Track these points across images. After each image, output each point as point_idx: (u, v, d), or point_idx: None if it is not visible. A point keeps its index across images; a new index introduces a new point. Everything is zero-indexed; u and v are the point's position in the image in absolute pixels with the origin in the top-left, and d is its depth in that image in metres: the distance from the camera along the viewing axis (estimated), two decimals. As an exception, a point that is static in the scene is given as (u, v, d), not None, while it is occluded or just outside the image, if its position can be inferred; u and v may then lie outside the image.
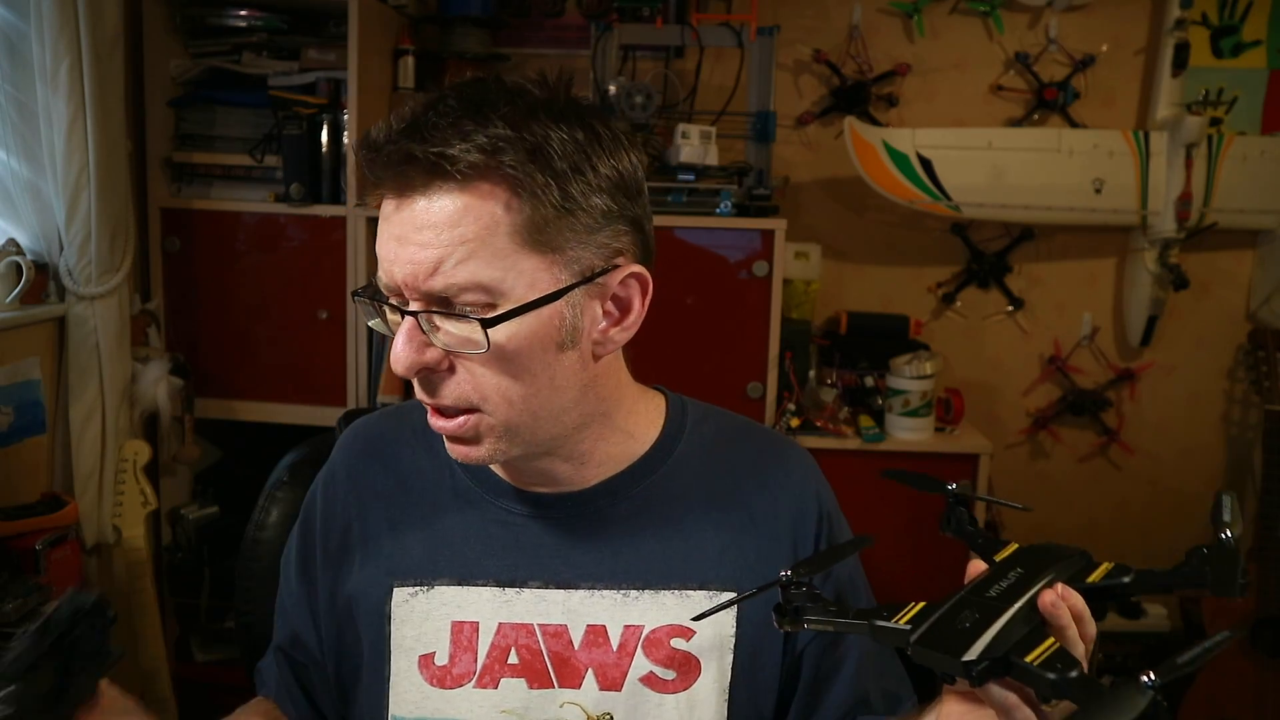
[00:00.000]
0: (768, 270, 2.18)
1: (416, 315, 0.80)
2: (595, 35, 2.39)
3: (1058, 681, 0.60)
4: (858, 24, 2.60)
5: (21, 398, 1.89)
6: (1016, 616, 0.65)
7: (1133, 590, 0.72)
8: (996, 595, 0.68)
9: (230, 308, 2.29)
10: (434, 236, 0.78)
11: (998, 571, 0.71)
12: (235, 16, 2.21)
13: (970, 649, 0.63)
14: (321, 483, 1.02)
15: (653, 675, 0.91)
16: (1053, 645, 0.63)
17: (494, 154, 0.77)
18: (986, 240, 2.71)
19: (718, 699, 0.92)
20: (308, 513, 1.02)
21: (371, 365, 2.27)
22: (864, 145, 2.45)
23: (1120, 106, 2.65)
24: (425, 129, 0.77)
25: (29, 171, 1.89)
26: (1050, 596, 0.66)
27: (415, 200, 0.78)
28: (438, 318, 0.80)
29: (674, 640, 0.91)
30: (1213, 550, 0.70)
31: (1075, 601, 0.67)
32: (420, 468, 0.98)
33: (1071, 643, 0.66)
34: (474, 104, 0.78)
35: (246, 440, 2.38)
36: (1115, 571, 0.72)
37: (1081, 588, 0.70)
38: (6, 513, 1.76)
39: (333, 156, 2.24)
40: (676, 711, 0.90)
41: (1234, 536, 0.70)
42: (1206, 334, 2.74)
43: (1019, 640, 0.64)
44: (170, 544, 2.35)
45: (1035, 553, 0.74)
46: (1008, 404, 2.78)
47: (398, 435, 1.01)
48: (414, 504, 0.96)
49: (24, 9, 1.80)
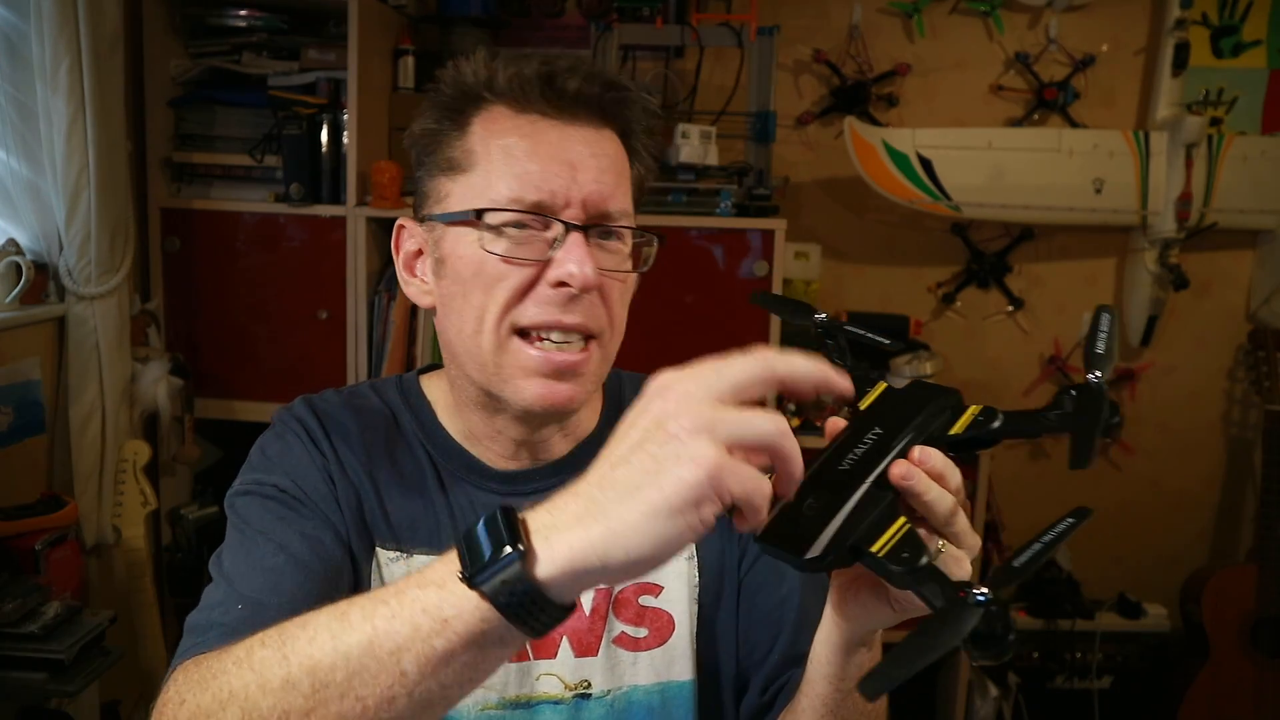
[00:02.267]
0: (768, 270, 2.18)
1: (588, 230, 0.84)
2: (595, 35, 2.39)
3: (904, 574, 0.56)
4: (858, 24, 2.60)
5: (21, 398, 1.89)
6: (868, 493, 0.60)
7: (999, 435, 0.65)
8: (849, 468, 0.61)
9: (230, 308, 2.29)
10: (609, 164, 0.87)
11: (855, 433, 0.64)
12: (235, 16, 2.21)
13: (815, 543, 0.57)
14: (303, 433, 0.93)
15: (625, 635, 0.91)
16: (902, 527, 0.58)
17: (634, 113, 0.90)
18: (986, 240, 2.71)
19: (690, 651, 0.93)
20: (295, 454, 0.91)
21: (371, 365, 2.27)
22: (864, 145, 2.45)
23: (1120, 106, 2.65)
24: (594, 70, 0.87)
25: (29, 171, 1.88)
26: (900, 468, 0.60)
27: (580, 129, 0.87)
28: (597, 234, 0.86)
29: (642, 598, 0.92)
30: (1080, 392, 0.63)
31: (934, 462, 0.61)
32: (390, 443, 0.94)
33: (932, 506, 0.61)
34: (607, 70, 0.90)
35: (246, 440, 2.36)
36: (981, 417, 0.65)
37: (943, 441, 0.64)
38: (6, 513, 1.76)
39: (333, 156, 2.24)
40: (652, 668, 0.91)
41: (1104, 375, 0.63)
42: (1206, 334, 2.74)
43: (868, 524, 0.58)
44: (170, 544, 2.35)
45: (900, 400, 0.67)
46: (1008, 404, 2.73)
47: (360, 407, 0.96)
48: (390, 475, 0.92)
49: (24, 9, 1.79)
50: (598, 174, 0.85)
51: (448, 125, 0.89)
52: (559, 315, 0.84)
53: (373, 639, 0.57)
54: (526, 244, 0.84)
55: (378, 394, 0.98)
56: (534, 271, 0.84)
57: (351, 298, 2.24)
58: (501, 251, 0.84)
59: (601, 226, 0.86)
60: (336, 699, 0.57)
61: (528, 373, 0.85)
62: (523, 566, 0.54)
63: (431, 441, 0.95)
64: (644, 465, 0.54)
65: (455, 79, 0.89)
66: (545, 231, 0.84)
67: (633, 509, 0.53)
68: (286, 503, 0.87)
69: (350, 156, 2.21)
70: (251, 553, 0.84)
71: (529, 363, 0.85)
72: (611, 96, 0.87)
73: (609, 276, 0.87)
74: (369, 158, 2.23)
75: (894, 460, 0.61)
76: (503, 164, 0.85)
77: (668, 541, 0.53)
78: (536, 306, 0.84)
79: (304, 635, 0.59)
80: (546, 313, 0.84)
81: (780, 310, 0.83)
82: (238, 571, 0.82)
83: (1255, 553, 2.51)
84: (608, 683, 0.91)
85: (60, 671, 1.56)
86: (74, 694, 1.60)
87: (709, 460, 0.52)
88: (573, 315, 0.84)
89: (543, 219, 0.84)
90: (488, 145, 0.86)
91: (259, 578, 0.81)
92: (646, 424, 0.55)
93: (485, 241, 0.84)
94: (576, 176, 0.84)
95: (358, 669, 0.56)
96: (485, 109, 0.87)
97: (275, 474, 0.89)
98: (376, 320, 2.25)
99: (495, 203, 0.84)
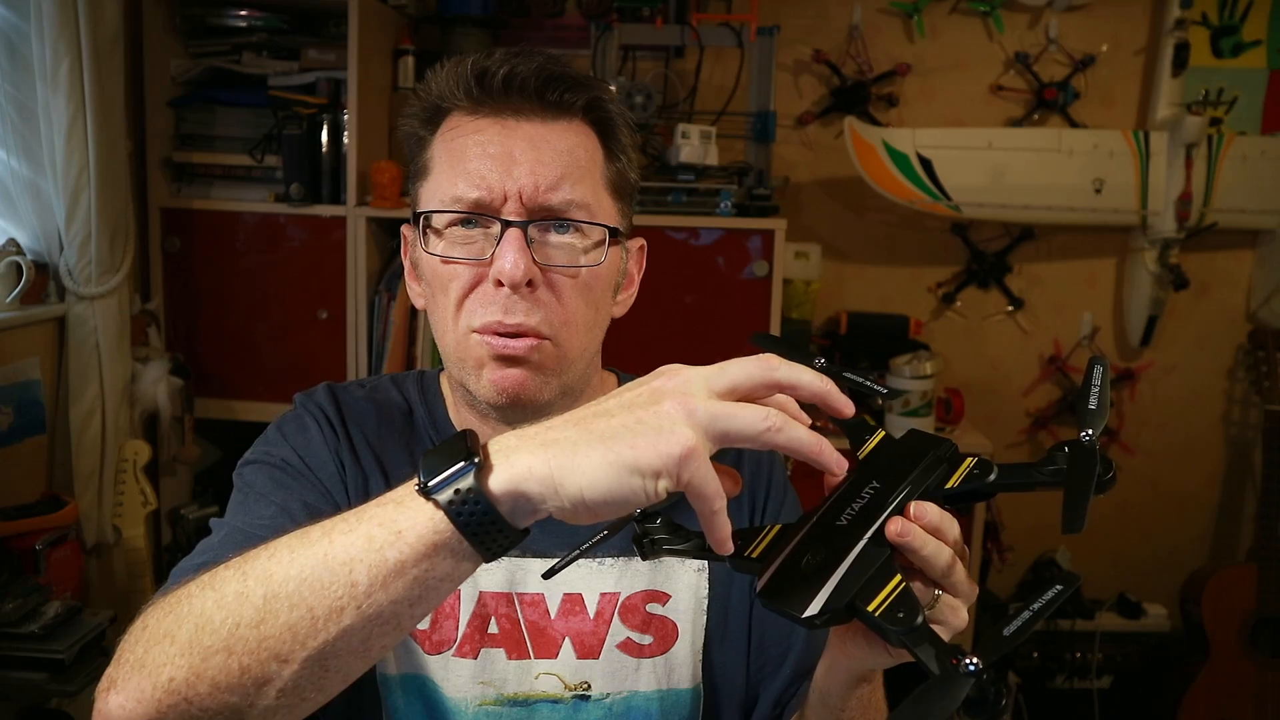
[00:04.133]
0: (768, 270, 2.18)
1: (526, 225, 0.83)
2: (595, 35, 2.39)
3: (899, 634, 0.57)
4: (858, 24, 2.60)
5: (21, 398, 1.89)
6: (865, 550, 0.61)
7: (994, 489, 0.66)
8: (847, 523, 0.63)
9: (230, 308, 2.29)
10: (554, 156, 0.85)
11: (853, 486, 0.65)
12: (235, 16, 2.21)
13: (813, 601, 0.59)
14: (320, 416, 0.94)
15: (629, 641, 0.92)
16: (897, 586, 0.59)
17: (601, 105, 0.88)
18: (986, 240, 2.71)
19: (693, 661, 0.93)
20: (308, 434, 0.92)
21: (371, 365, 2.27)
22: (864, 145, 2.45)
23: (1120, 106, 2.65)
24: (542, 63, 0.85)
25: (29, 171, 1.89)
26: (896, 525, 0.61)
27: (530, 122, 0.85)
28: (539, 230, 0.84)
29: (649, 605, 0.92)
30: (1072, 448, 0.63)
31: (930, 517, 0.62)
32: (404, 438, 0.96)
33: (929, 560, 0.62)
34: (562, 63, 0.87)
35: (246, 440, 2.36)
36: (977, 470, 0.66)
37: (939, 494, 0.65)
38: (6, 513, 1.76)
39: (333, 156, 2.24)
40: (654, 676, 0.91)
41: (1095, 435, 0.63)
42: (1206, 334, 2.74)
43: (867, 580, 0.59)
44: (170, 544, 2.35)
45: (897, 451, 0.68)
46: (1008, 404, 2.78)
47: (378, 405, 0.97)
48: (400, 468, 0.93)
49: (24, 8, 1.79)
50: (535, 166, 0.84)
51: (422, 131, 0.90)
52: (499, 316, 0.84)
53: (327, 551, 0.58)
54: (471, 243, 0.85)
55: (398, 388, 1.00)
56: (479, 270, 0.85)
57: (351, 298, 2.24)
58: (440, 253, 0.86)
59: (546, 221, 0.85)
60: (286, 609, 0.57)
61: (481, 363, 0.86)
62: (476, 478, 0.55)
63: (440, 438, 0.96)
64: (624, 422, 0.56)
65: (425, 87, 0.89)
66: (489, 229, 0.85)
67: (598, 453, 0.55)
68: (292, 474, 0.89)
69: (350, 156, 2.21)
70: (251, 510, 0.85)
71: (481, 352, 0.86)
72: (555, 85, 0.85)
73: (556, 272, 0.85)
74: (369, 158, 2.23)
75: (890, 517, 0.62)
76: (449, 166, 0.86)
77: (619, 495, 0.55)
78: (480, 306, 0.85)
79: (265, 553, 0.61)
80: (488, 313, 0.84)
81: (779, 351, 0.83)
82: (236, 525, 0.84)
83: (1255, 553, 2.51)
84: (608, 686, 0.91)
85: (60, 671, 1.56)
86: (74, 694, 1.60)
87: (685, 440, 0.54)
88: (513, 316, 0.84)
89: (479, 217, 0.85)
90: (441, 149, 0.88)
91: (257, 532, 0.82)
92: (641, 391, 0.58)
93: (429, 244, 0.86)
94: (512, 170, 0.83)
95: (309, 578, 0.57)
96: (448, 116, 0.88)
97: (285, 448, 0.91)
98: (376, 320, 2.25)
99: (440, 204, 0.85)
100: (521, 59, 0.85)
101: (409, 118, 0.91)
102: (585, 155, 0.87)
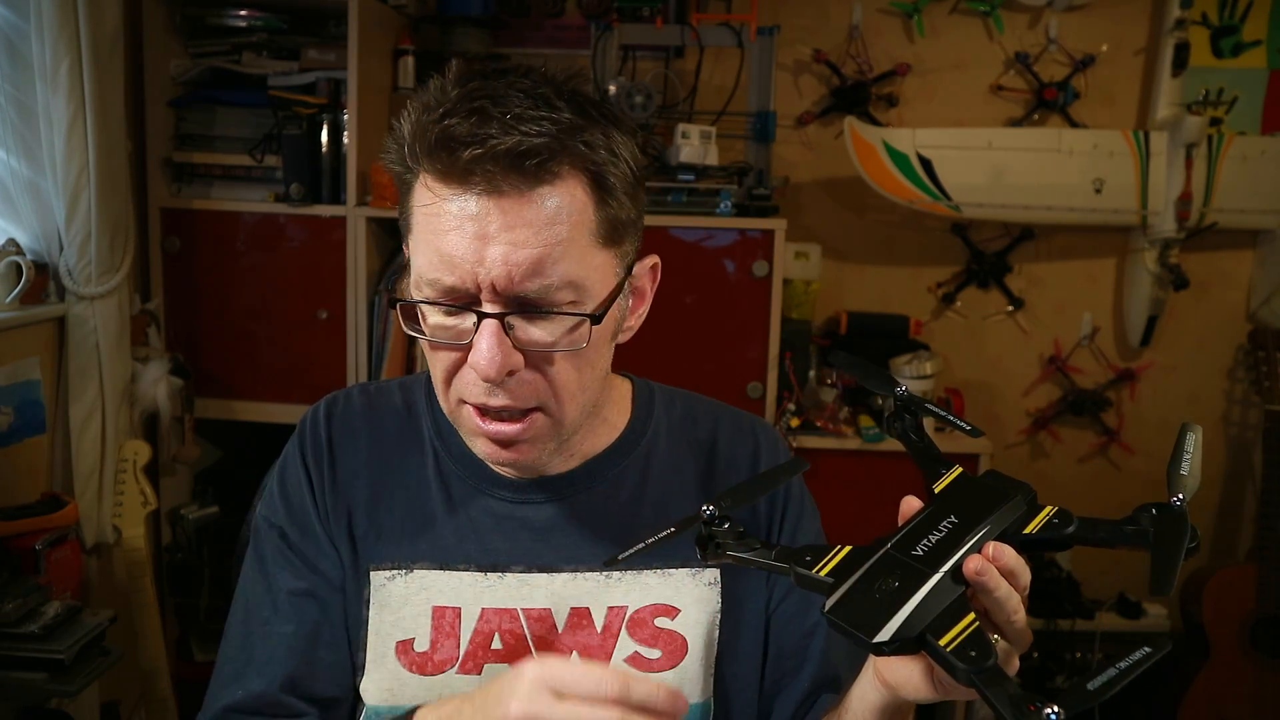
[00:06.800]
0: (768, 270, 2.18)
1: (503, 317, 0.78)
2: (595, 35, 2.39)
3: (970, 673, 0.56)
4: (858, 24, 2.60)
5: (21, 398, 1.89)
6: (939, 584, 0.60)
7: (1072, 541, 0.66)
8: (923, 554, 0.62)
9: (230, 308, 2.29)
10: (532, 235, 0.76)
11: (931, 519, 0.65)
12: (235, 16, 2.21)
13: (884, 628, 0.58)
14: (310, 447, 0.97)
15: (638, 655, 0.91)
16: (971, 624, 0.58)
17: (583, 152, 0.78)
18: (986, 240, 2.71)
19: (704, 676, 0.92)
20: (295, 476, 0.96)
21: (371, 365, 2.27)
22: (864, 145, 2.45)
23: (1120, 106, 2.65)
24: (507, 124, 0.75)
25: (29, 171, 1.88)
26: (975, 564, 0.61)
27: (505, 197, 0.76)
28: (519, 318, 0.79)
29: (658, 619, 0.92)
30: (1161, 513, 0.63)
31: (1007, 560, 0.62)
32: (403, 450, 0.97)
33: (1001, 603, 0.62)
34: (536, 98, 0.77)
35: (246, 440, 2.38)
36: (1056, 520, 0.66)
37: (1017, 539, 0.65)
38: (6, 513, 1.76)
39: (333, 156, 2.24)
40: None
41: (1186, 499, 0.62)
42: (1206, 334, 2.74)
43: (939, 614, 0.59)
44: (170, 544, 2.35)
45: (975, 491, 0.68)
46: (1008, 404, 2.78)
47: (380, 412, 0.99)
48: (395, 485, 0.95)
49: (24, 8, 1.79)
50: (511, 251, 0.76)
51: (407, 175, 0.84)
52: (485, 398, 0.82)
53: None
54: (454, 326, 0.82)
55: (404, 394, 1.00)
56: (461, 353, 0.82)
57: (351, 298, 2.24)
58: (426, 333, 0.83)
59: (521, 311, 0.79)
60: None
61: (475, 432, 0.86)
62: None
63: (446, 449, 0.96)
64: None
65: (396, 135, 0.83)
66: (465, 318, 0.80)
67: None
68: (289, 547, 0.94)
69: (350, 156, 2.21)
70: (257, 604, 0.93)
71: (474, 428, 0.85)
72: (535, 160, 0.75)
73: (547, 351, 0.81)
74: (369, 158, 2.23)
75: (968, 554, 0.62)
76: (424, 239, 0.80)
77: None
78: (466, 385, 0.83)
79: None
80: (474, 394, 0.83)
81: (862, 377, 0.83)
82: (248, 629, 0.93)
83: (1255, 553, 2.51)
84: None
85: (60, 671, 1.56)
86: (74, 694, 1.59)
87: None
88: (498, 398, 0.82)
89: (459, 308, 0.80)
90: (415, 216, 0.82)
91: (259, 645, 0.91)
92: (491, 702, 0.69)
93: (407, 325, 0.84)
94: (485, 258, 0.76)
95: None
96: (420, 171, 0.81)
97: (280, 514, 0.95)
98: (376, 320, 2.25)
99: (420, 280, 0.81)
100: (494, 126, 0.75)
101: (388, 157, 0.85)
102: (570, 218, 0.78)
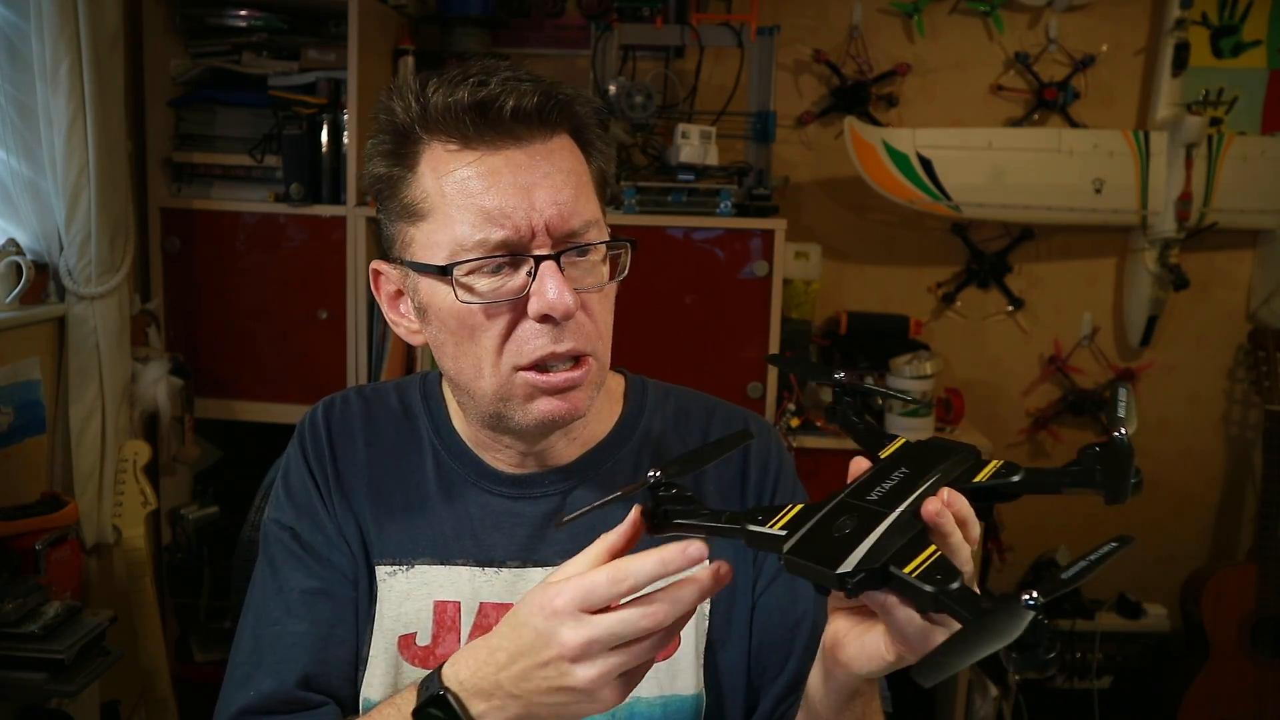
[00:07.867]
0: (768, 270, 2.18)
1: (558, 256, 0.82)
2: (595, 35, 2.39)
3: (937, 594, 0.56)
4: (858, 24, 2.60)
5: (21, 398, 1.89)
6: (897, 523, 0.61)
7: (1021, 489, 0.66)
8: (878, 499, 0.63)
9: (230, 308, 2.29)
10: (562, 179, 0.83)
11: (881, 471, 0.66)
12: (235, 16, 2.21)
13: (845, 560, 0.58)
14: (311, 447, 0.99)
15: None
16: (933, 554, 0.59)
17: (581, 110, 0.86)
18: (986, 240, 2.71)
19: (695, 666, 0.93)
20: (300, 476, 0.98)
21: (371, 365, 2.27)
22: (864, 145, 2.45)
23: (1120, 106, 2.65)
24: (509, 85, 0.81)
25: (29, 171, 1.88)
26: (934, 505, 0.62)
27: (533, 146, 0.83)
28: (573, 254, 0.84)
29: None
30: (1105, 449, 0.64)
31: (960, 507, 0.63)
32: (401, 449, 0.98)
33: (955, 549, 0.62)
34: (514, 69, 0.85)
35: (246, 440, 2.38)
36: (1003, 470, 0.67)
37: (967, 488, 0.65)
38: (6, 513, 1.76)
39: (333, 156, 2.24)
40: (656, 682, 0.91)
41: (1128, 434, 0.64)
42: (1206, 334, 2.74)
43: (898, 549, 0.59)
44: (170, 544, 2.35)
45: (921, 450, 0.69)
46: (1008, 404, 2.78)
47: (377, 414, 1.00)
48: (394, 483, 0.97)
49: (24, 8, 1.79)
50: (554, 193, 0.82)
51: (397, 169, 0.86)
52: (551, 347, 0.84)
53: None
54: (502, 285, 0.83)
55: (400, 395, 1.02)
56: (516, 310, 0.84)
57: (351, 298, 2.24)
58: (478, 301, 0.83)
59: (571, 247, 0.84)
60: None
61: (530, 397, 0.86)
62: None
63: (445, 447, 0.97)
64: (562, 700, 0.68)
65: (389, 120, 0.85)
66: (519, 268, 0.83)
67: None
68: (301, 546, 0.95)
69: (350, 156, 2.21)
70: (267, 607, 0.94)
71: (531, 390, 0.86)
72: (553, 104, 0.83)
73: (588, 293, 0.86)
74: (369, 158, 2.23)
75: (925, 495, 0.63)
76: (459, 205, 0.82)
77: None
78: (528, 343, 0.84)
79: None
80: (539, 347, 0.84)
81: (798, 371, 0.85)
82: (258, 631, 0.93)
83: (1255, 553, 2.51)
84: None
85: (60, 671, 1.56)
86: (74, 694, 1.59)
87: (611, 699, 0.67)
88: (564, 343, 0.84)
89: (512, 257, 0.82)
90: (440, 187, 0.83)
91: (270, 646, 0.92)
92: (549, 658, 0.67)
93: (460, 294, 0.83)
94: (534, 203, 0.81)
95: None
96: (429, 146, 0.84)
97: (289, 513, 0.97)
98: (376, 320, 2.25)
99: (460, 249, 0.82)
100: (511, 83, 0.82)
101: (377, 157, 0.87)
102: (580, 167, 0.86)
